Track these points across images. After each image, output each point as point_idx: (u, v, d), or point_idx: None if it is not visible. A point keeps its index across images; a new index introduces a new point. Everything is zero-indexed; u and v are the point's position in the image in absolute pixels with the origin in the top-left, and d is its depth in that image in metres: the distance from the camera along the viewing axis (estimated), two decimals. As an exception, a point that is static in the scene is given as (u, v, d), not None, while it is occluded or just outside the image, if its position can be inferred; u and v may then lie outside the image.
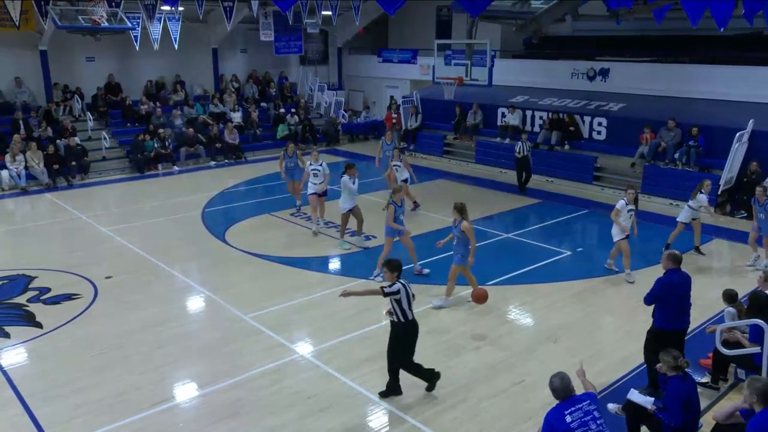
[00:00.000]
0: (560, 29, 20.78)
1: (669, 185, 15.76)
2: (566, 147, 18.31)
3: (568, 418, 5.09)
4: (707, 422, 6.13)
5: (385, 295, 6.84)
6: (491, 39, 18.35)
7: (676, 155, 15.98)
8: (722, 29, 13.33)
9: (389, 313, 7.07)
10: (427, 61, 22.58)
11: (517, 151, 16.54)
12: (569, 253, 12.15)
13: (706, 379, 7.45)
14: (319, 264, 11.71)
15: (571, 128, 18.37)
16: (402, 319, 6.94)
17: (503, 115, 20.25)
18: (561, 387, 5.24)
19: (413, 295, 7.06)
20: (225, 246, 12.75)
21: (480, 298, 9.09)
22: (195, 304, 10.25)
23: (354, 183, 12.11)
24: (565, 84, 20.02)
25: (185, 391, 7.58)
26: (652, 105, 17.63)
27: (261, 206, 15.01)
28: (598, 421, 5.15)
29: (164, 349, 8.48)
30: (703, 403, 6.42)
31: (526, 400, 7.17)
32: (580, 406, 5.19)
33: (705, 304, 9.58)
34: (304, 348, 8.50)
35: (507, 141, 19.61)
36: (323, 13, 20.03)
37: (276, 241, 12.92)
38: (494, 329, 8.98)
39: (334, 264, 11.81)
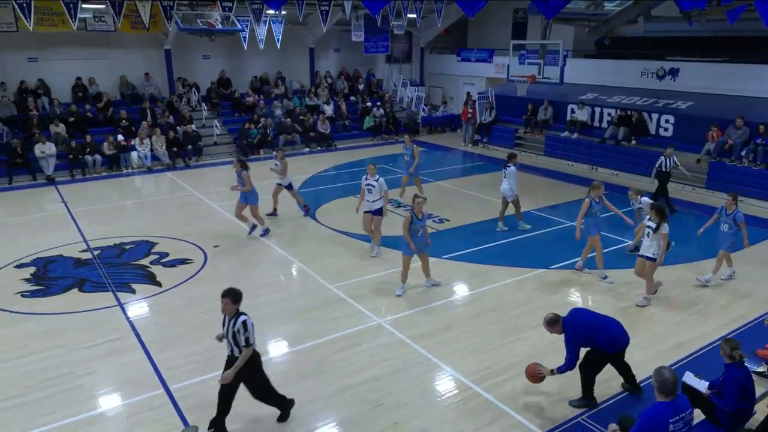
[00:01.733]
0: (632, 30, 19.73)
1: (734, 182, 14.74)
2: (633, 142, 17.47)
3: (671, 427, 4.48)
4: (761, 410, 5.76)
5: (248, 345, 5.66)
6: (564, 39, 17.66)
7: (743, 153, 14.92)
8: (797, 30, 12.27)
9: (226, 341, 5.76)
10: (502, 60, 22.04)
11: (658, 165, 13.35)
12: (630, 242, 11.61)
13: (762, 369, 6.99)
14: (397, 242, 11.71)
15: (633, 120, 17.46)
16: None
17: (572, 111, 19.53)
18: (673, 381, 4.55)
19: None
20: (315, 223, 13.01)
21: (533, 372, 6.51)
22: (288, 272, 10.50)
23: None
24: (634, 83, 19.02)
25: (277, 349, 7.83)
26: (720, 104, 16.48)
27: (347, 189, 15.17)
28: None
29: (260, 311, 8.72)
30: (759, 392, 6.02)
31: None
32: (683, 415, 4.57)
33: (764, 297, 8.99)
34: (382, 317, 8.57)
35: (575, 136, 18.95)
36: (409, 15, 19.92)
37: (360, 221, 13.03)
38: (554, 310, 8.71)
39: (410, 243, 11.80)
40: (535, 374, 6.40)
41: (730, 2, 13.58)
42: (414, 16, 20.13)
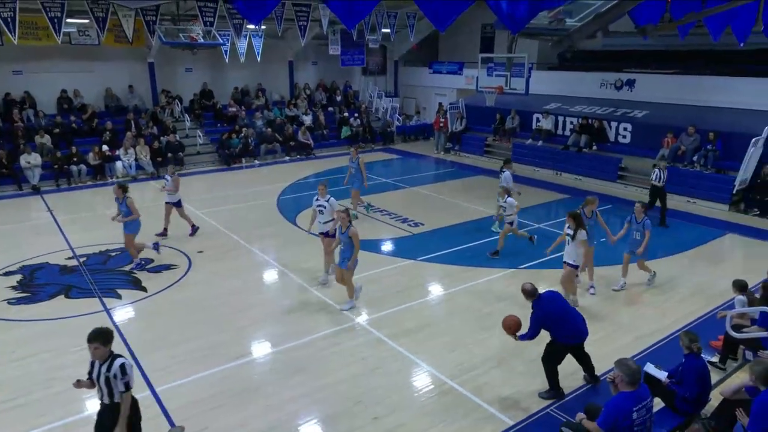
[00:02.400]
0: (592, 44, 20.11)
1: (686, 185, 15.13)
2: (594, 149, 17.79)
3: (635, 415, 4.58)
4: (715, 397, 5.89)
5: (128, 389, 4.92)
6: (529, 53, 17.94)
7: (695, 158, 15.31)
8: (742, 44, 12.64)
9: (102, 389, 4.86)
10: (471, 72, 22.23)
11: (653, 178, 12.99)
12: (594, 243, 11.77)
13: (715, 359, 7.16)
14: (374, 246, 11.74)
15: (594, 128, 17.79)
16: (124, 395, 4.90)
17: (538, 120, 19.81)
18: (637, 371, 4.68)
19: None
20: (295, 228, 12.94)
21: (511, 326, 6.55)
22: (270, 276, 10.44)
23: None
24: (594, 93, 19.39)
25: (261, 349, 7.77)
26: (674, 113, 16.89)
27: (326, 195, 15.10)
28: (652, 418, 4.76)
29: (245, 313, 8.70)
30: (712, 380, 6.16)
31: (552, 369, 7.03)
32: (644, 403, 4.67)
33: (716, 292, 9.23)
34: (360, 316, 8.57)
35: (540, 143, 19.22)
36: (383, 30, 19.99)
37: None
38: (525, 307, 8.80)
39: (387, 246, 11.82)
40: (508, 329, 6.41)
41: (681, 19, 13.93)
42: (388, 30, 20.26)
